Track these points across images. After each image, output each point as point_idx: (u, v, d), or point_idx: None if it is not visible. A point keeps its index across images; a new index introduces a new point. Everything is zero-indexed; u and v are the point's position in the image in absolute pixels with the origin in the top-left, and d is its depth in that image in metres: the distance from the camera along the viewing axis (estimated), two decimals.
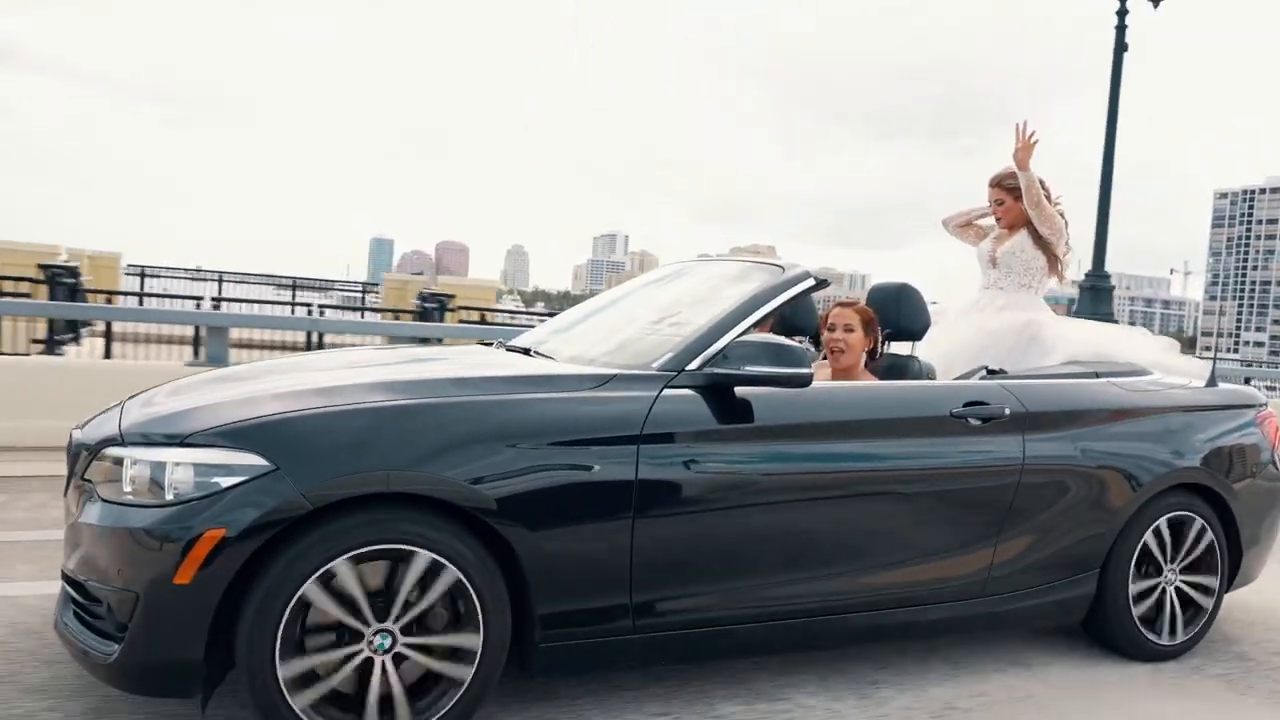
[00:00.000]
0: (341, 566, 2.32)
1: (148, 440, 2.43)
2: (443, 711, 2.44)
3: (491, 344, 3.61)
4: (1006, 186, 4.25)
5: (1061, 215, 4.13)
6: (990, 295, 4.24)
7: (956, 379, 3.50)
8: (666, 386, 2.76)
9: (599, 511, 2.59)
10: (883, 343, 3.57)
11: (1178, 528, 3.54)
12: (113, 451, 2.45)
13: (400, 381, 2.67)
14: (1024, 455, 3.21)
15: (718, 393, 2.80)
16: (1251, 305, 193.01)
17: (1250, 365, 12.52)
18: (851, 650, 3.34)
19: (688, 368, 2.81)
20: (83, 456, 2.58)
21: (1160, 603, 3.52)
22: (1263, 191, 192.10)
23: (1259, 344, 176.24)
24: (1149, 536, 3.47)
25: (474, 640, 2.46)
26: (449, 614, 2.46)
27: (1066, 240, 4.16)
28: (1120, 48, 11.21)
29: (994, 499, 3.17)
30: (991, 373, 3.51)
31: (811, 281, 3.14)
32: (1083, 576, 3.38)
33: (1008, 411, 3.20)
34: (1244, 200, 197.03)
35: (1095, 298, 11.32)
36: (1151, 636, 3.49)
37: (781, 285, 3.09)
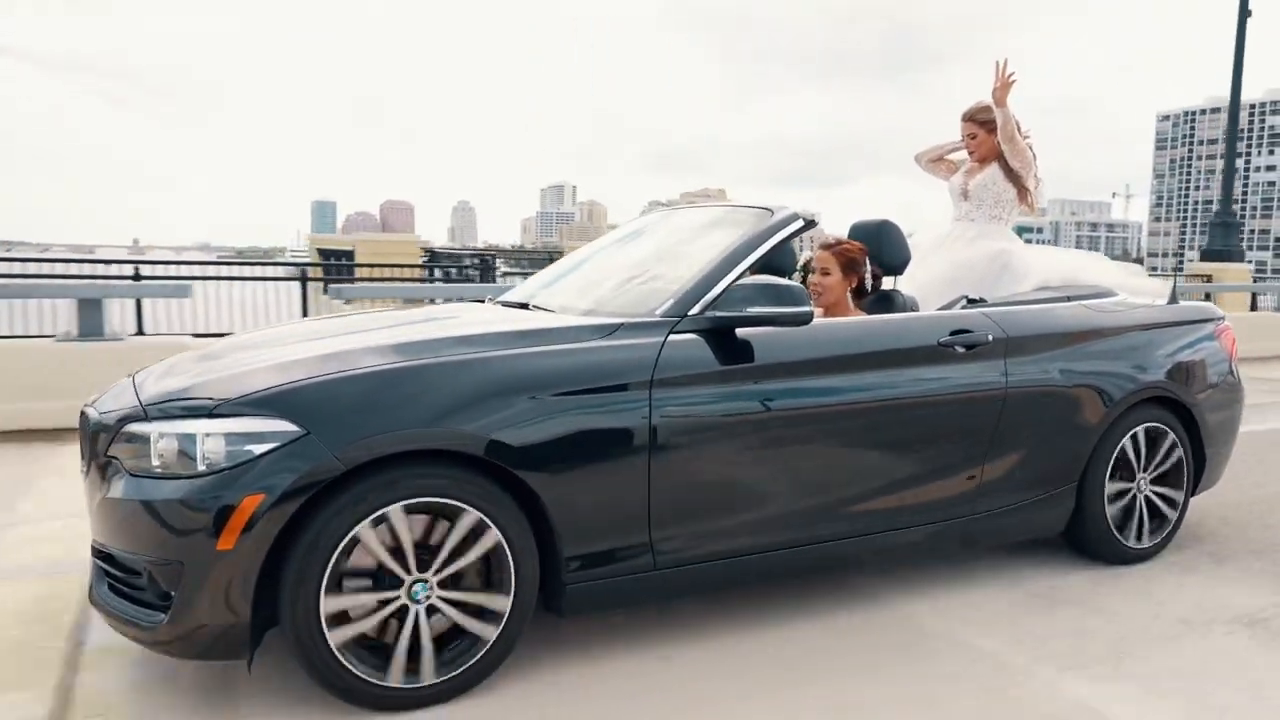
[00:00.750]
0: (394, 513, 2.43)
1: (171, 413, 2.48)
2: (466, 666, 2.57)
3: (484, 301, 3.66)
4: (979, 120, 4.38)
5: (1030, 149, 4.27)
6: (962, 227, 4.39)
7: (940, 310, 3.64)
8: (672, 332, 2.86)
9: (618, 455, 2.70)
10: (871, 278, 3.67)
11: (1148, 438, 3.75)
12: (137, 427, 2.49)
13: (414, 342, 2.74)
14: (1007, 378, 3.38)
15: (720, 335, 2.91)
16: (1195, 225, 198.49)
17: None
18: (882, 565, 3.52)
19: (689, 312, 2.92)
20: (102, 434, 2.61)
21: (1132, 509, 3.75)
22: (1203, 112, 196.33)
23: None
24: (1125, 443, 3.67)
25: (503, 602, 2.58)
26: (484, 573, 2.58)
27: (1035, 173, 4.31)
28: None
29: (981, 421, 3.34)
30: (972, 302, 3.66)
31: (801, 223, 3.25)
32: (1063, 490, 3.58)
33: (990, 338, 3.36)
34: (1185, 121, 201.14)
35: (1225, 233, 13.64)
36: (1125, 540, 3.72)
37: (773, 227, 3.19)
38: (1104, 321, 3.71)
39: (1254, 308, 13.85)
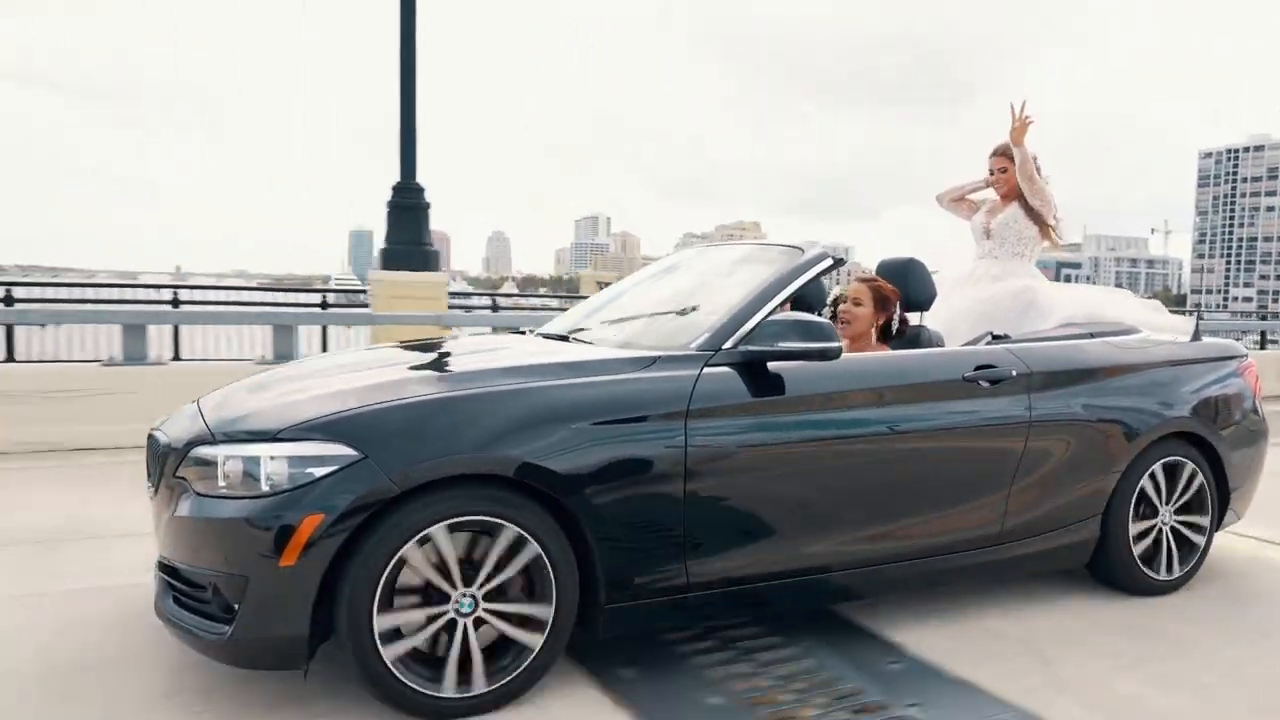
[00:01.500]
0: (438, 532, 2.58)
1: (236, 438, 2.66)
2: (514, 674, 2.70)
3: (525, 332, 3.82)
4: (1010, 156, 4.52)
5: (1048, 189, 4.41)
6: (986, 265, 4.51)
7: (965, 345, 3.76)
8: (707, 365, 3.00)
9: (655, 481, 2.84)
10: (898, 321, 3.80)
11: (1171, 473, 3.83)
12: (205, 451, 2.67)
13: (465, 373, 2.91)
14: (1031, 413, 3.48)
15: (752, 369, 3.05)
16: (1239, 261, 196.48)
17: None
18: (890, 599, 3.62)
19: (724, 346, 3.06)
20: (171, 457, 2.80)
21: (1157, 542, 3.82)
22: (1247, 150, 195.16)
23: (1247, 299, 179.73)
24: (1145, 482, 3.76)
25: (546, 611, 2.72)
26: (526, 585, 2.72)
27: (1055, 212, 4.43)
28: None
29: (1006, 454, 3.44)
30: (996, 338, 3.77)
31: (830, 261, 3.40)
32: (1087, 521, 3.66)
33: (1014, 373, 3.47)
34: (1229, 159, 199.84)
35: None
36: (1150, 573, 3.79)
37: (803, 266, 3.34)
38: (1128, 358, 3.81)
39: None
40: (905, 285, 3.84)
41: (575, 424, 2.75)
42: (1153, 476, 3.79)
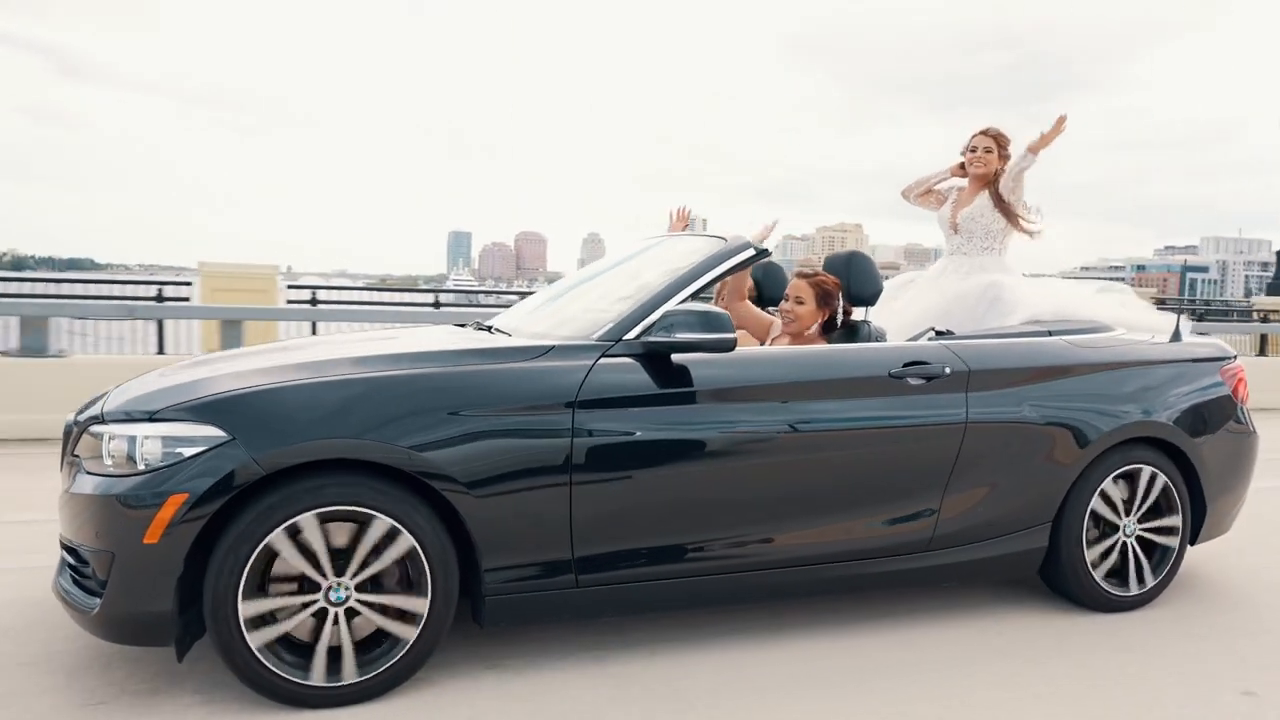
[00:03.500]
0: (307, 521, 2.59)
1: (125, 418, 2.72)
2: (386, 666, 2.69)
3: (466, 325, 3.82)
4: (997, 138, 4.33)
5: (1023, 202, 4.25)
6: (956, 261, 4.33)
7: (908, 341, 3.61)
8: (604, 355, 2.95)
9: (538, 473, 2.80)
10: (842, 313, 3.66)
11: (1134, 481, 3.60)
12: (96, 429, 2.75)
13: (350, 358, 2.91)
14: (968, 413, 3.32)
15: (654, 360, 2.99)
16: None
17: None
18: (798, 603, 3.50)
19: (625, 337, 3.01)
20: (73, 435, 2.89)
21: (1119, 555, 3.59)
22: None
23: None
24: (1105, 489, 3.54)
25: (421, 604, 2.71)
26: (401, 577, 2.72)
27: (1023, 199, 4.24)
28: None
29: (938, 456, 3.28)
30: (940, 334, 3.61)
31: (751, 251, 3.30)
32: (1033, 530, 3.47)
33: (948, 370, 3.31)
34: None
35: None
36: (1109, 589, 3.57)
37: (720, 255, 3.26)
38: (1085, 357, 3.60)
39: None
40: (849, 279, 3.70)
41: (454, 412, 2.73)
42: (1114, 484, 3.57)
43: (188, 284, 8.66)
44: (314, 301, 9.04)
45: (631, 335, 3.01)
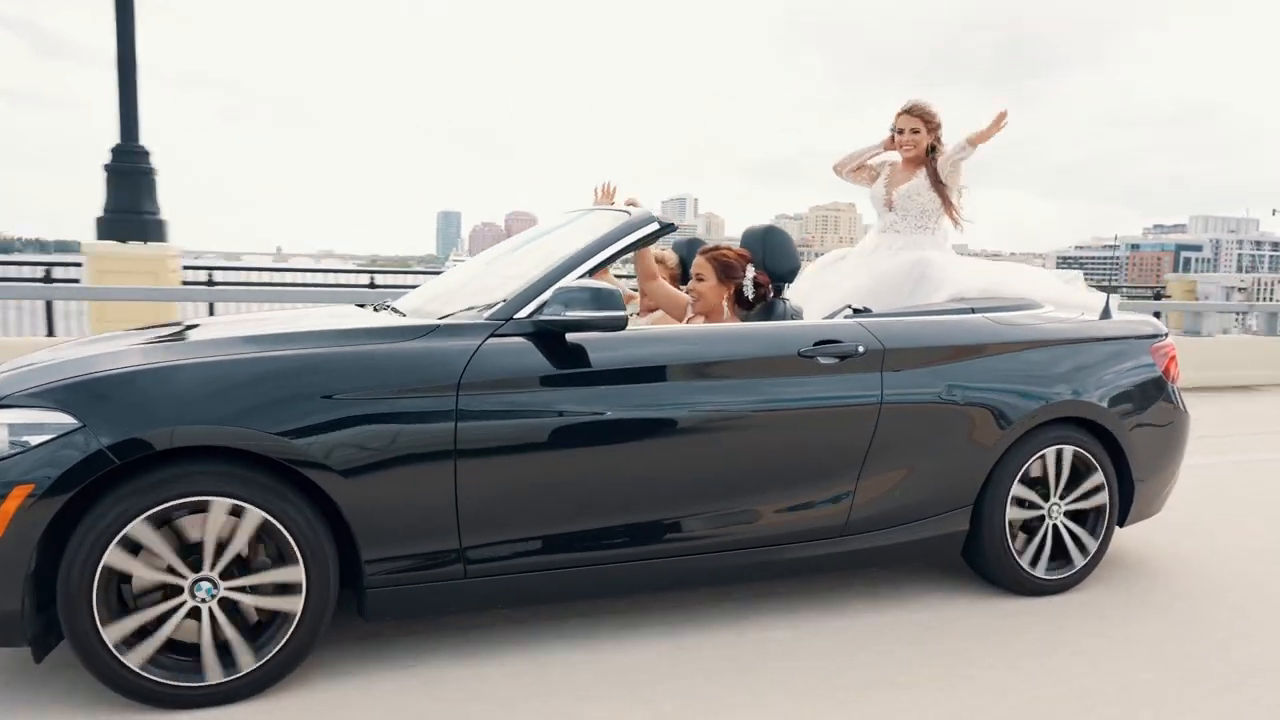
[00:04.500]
0: (140, 528, 2.44)
1: None
2: (280, 644, 2.58)
3: (366, 305, 3.69)
4: (924, 117, 4.18)
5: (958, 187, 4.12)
6: (888, 238, 4.20)
7: (824, 319, 3.49)
8: (493, 335, 2.83)
9: (419, 460, 2.67)
10: (753, 286, 3.54)
11: (1059, 462, 3.50)
12: None
13: (220, 339, 2.78)
14: (882, 394, 3.20)
15: (547, 339, 2.86)
16: None
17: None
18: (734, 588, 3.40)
19: (516, 316, 2.88)
20: None
21: (1042, 538, 3.50)
22: None
23: None
24: (1028, 470, 3.43)
25: (296, 573, 2.58)
26: (265, 553, 2.59)
27: (960, 185, 4.11)
28: None
29: (851, 439, 3.17)
30: (857, 312, 3.49)
31: (656, 226, 3.17)
32: (954, 513, 3.37)
33: (861, 349, 3.19)
34: None
35: None
36: (1033, 572, 3.47)
37: (621, 230, 3.14)
38: (1008, 335, 3.48)
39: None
40: (764, 254, 3.58)
41: (328, 396, 2.61)
42: (1044, 462, 3.46)
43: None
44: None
45: (523, 314, 2.89)
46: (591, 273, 3.04)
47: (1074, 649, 3.04)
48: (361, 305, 3.56)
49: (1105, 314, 3.78)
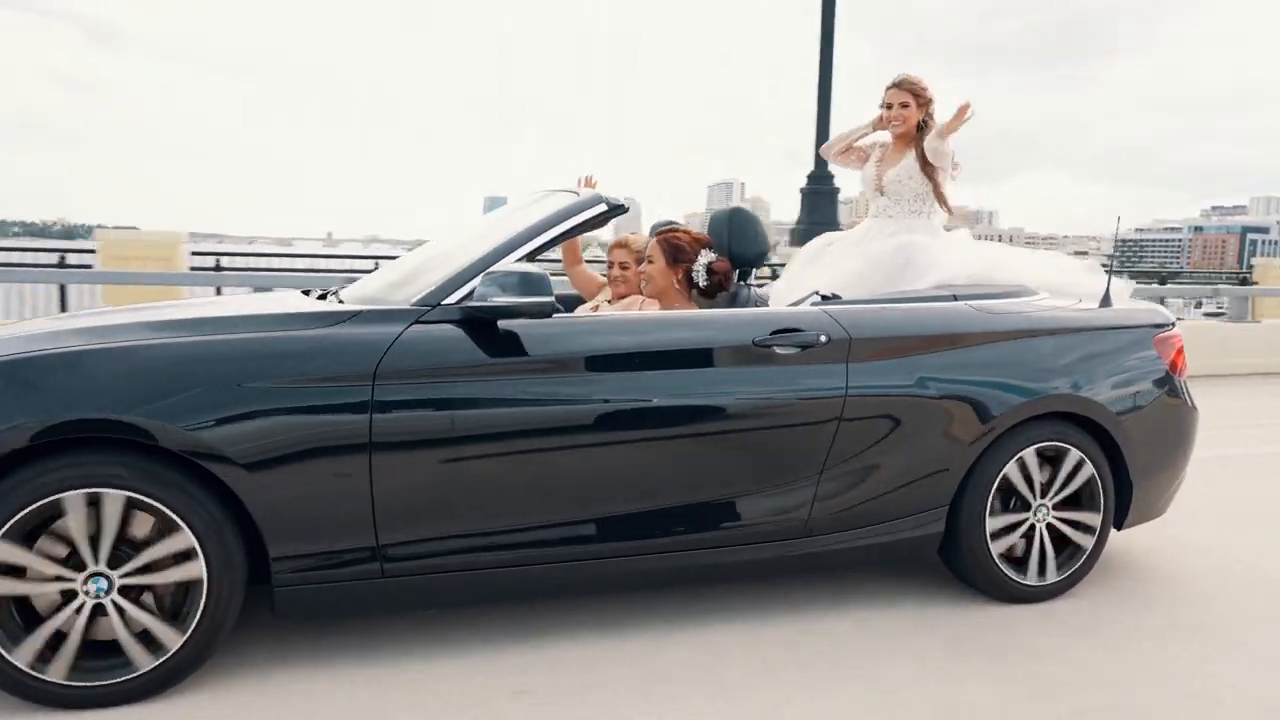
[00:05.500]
0: (66, 501, 2.33)
1: None
2: (199, 612, 2.43)
3: (310, 291, 3.53)
4: (914, 91, 3.92)
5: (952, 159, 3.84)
6: (881, 223, 3.94)
7: (791, 305, 3.27)
8: (417, 322, 2.66)
9: (333, 453, 2.53)
10: (707, 272, 3.33)
11: (1047, 460, 3.24)
12: None
13: (133, 324, 2.65)
14: (847, 386, 2.98)
15: (476, 327, 2.69)
16: None
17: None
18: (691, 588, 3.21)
19: (445, 301, 2.71)
20: None
21: (1029, 540, 3.24)
22: None
23: None
24: (1011, 469, 3.18)
25: (184, 539, 2.41)
26: (150, 530, 2.43)
27: (951, 173, 3.84)
28: None
29: (812, 434, 2.95)
30: (826, 299, 3.26)
31: (603, 207, 2.97)
32: (928, 514, 3.13)
33: (824, 338, 2.97)
34: None
35: None
36: (1018, 577, 3.22)
37: (565, 212, 2.95)
38: (991, 324, 3.22)
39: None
40: (729, 238, 3.36)
41: (237, 384, 2.46)
42: (1022, 464, 3.20)
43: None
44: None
45: (451, 300, 2.71)
46: (530, 256, 2.86)
47: (1060, 657, 2.80)
48: (306, 292, 3.40)
49: (1105, 302, 3.49)
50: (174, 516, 2.40)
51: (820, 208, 9.36)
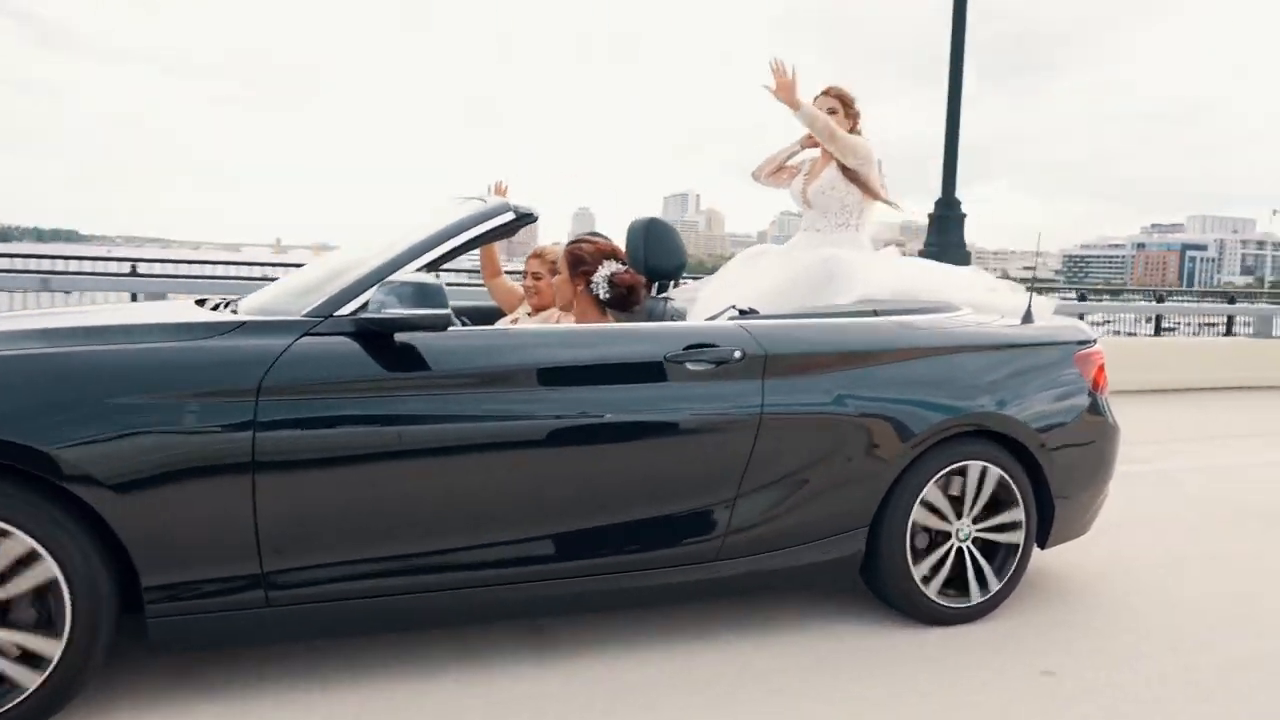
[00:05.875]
0: None
1: None
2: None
3: (206, 300, 3.34)
4: (840, 96, 3.85)
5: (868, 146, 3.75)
6: (808, 237, 3.87)
7: (708, 320, 3.18)
8: (306, 334, 2.52)
9: (212, 474, 2.37)
10: (609, 284, 3.22)
11: (968, 480, 3.17)
12: None
13: None
14: (763, 404, 2.88)
15: (370, 340, 2.55)
16: None
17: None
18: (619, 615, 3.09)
19: (339, 312, 2.57)
20: None
21: (947, 561, 3.17)
22: None
23: None
24: (931, 489, 3.11)
25: (52, 647, 2.25)
26: (35, 611, 2.27)
27: (878, 168, 3.77)
28: None
29: (726, 452, 2.85)
30: (743, 313, 3.17)
31: (511, 216, 2.86)
32: (848, 535, 3.05)
33: (738, 354, 2.87)
34: None
35: None
36: (939, 599, 3.15)
37: (469, 220, 2.83)
38: (912, 340, 3.15)
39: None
40: (644, 250, 3.26)
41: (105, 399, 2.29)
42: (943, 483, 3.14)
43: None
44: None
45: (345, 311, 2.58)
46: (430, 267, 2.73)
47: (983, 680, 2.73)
48: (200, 301, 3.21)
49: (1027, 318, 3.44)
50: (35, 545, 2.23)
51: (949, 230, 9.93)
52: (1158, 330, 11.28)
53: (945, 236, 9.83)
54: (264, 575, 2.45)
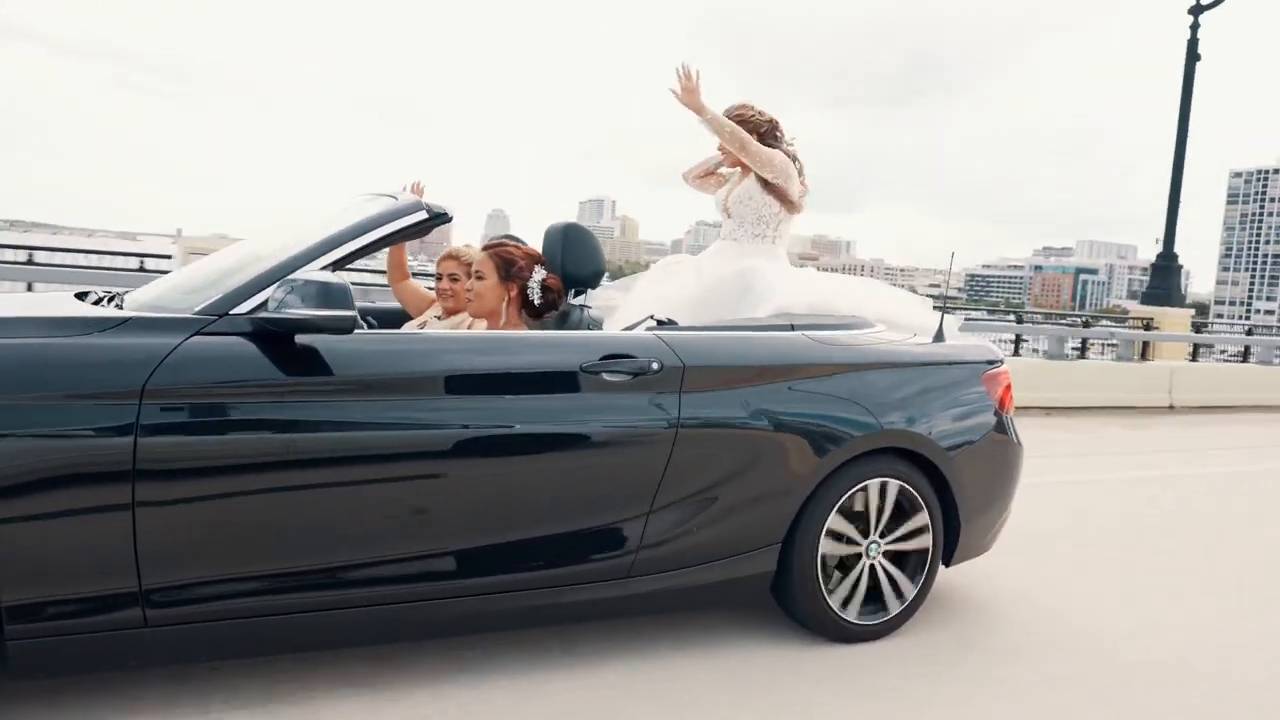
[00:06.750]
0: None
1: None
2: None
3: (89, 293, 3.11)
4: (739, 116, 3.81)
5: (790, 154, 3.72)
6: (724, 246, 3.83)
7: (625, 330, 3.11)
8: (198, 333, 2.35)
9: (86, 482, 2.19)
10: (541, 290, 3.14)
11: (878, 496, 3.18)
12: None
13: None
14: (679, 416, 2.83)
15: (268, 341, 2.40)
16: (1263, 277, 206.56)
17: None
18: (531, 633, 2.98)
19: (234, 311, 2.42)
20: None
21: (857, 579, 3.17)
22: (1276, 172, 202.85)
23: (1269, 312, 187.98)
24: (844, 505, 3.10)
25: None
26: None
27: (801, 180, 3.75)
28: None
29: (641, 466, 2.79)
30: (662, 324, 3.11)
31: (423, 215, 2.74)
32: (760, 552, 3.01)
33: (656, 366, 2.81)
34: (1258, 180, 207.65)
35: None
36: (846, 616, 3.14)
37: (380, 218, 2.71)
38: (828, 356, 3.14)
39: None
40: (562, 255, 3.18)
41: None
42: (854, 499, 3.13)
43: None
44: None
45: (241, 310, 2.42)
46: (338, 265, 2.59)
47: (893, 698, 2.72)
48: (82, 295, 2.99)
49: (939, 337, 3.48)
50: None
51: (1167, 279, 12.37)
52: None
53: (1162, 283, 12.34)
54: (142, 592, 2.27)
